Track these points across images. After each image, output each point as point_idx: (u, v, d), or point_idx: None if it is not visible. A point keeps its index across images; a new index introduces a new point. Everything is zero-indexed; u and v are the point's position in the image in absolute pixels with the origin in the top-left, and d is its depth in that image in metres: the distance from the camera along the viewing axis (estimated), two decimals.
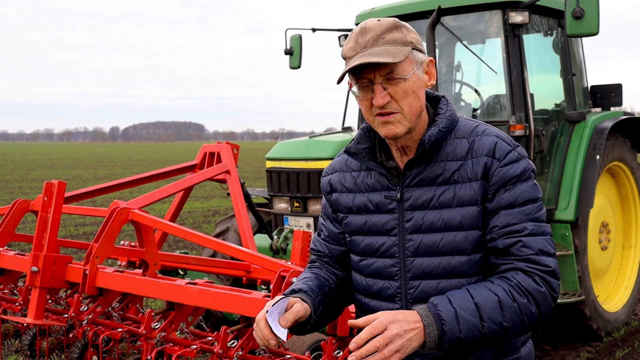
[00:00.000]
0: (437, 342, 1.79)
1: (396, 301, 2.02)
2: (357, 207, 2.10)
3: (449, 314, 1.80)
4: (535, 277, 1.87)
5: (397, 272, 2.01)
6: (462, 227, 1.94)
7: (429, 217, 1.97)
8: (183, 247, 10.66)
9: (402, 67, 1.91)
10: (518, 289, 1.85)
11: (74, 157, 57.73)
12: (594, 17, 4.97)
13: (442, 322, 1.79)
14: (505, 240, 1.91)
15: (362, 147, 2.08)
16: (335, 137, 5.79)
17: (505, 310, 1.83)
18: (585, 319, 5.91)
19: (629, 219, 6.77)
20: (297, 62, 6.80)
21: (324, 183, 2.24)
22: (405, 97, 1.92)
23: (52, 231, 4.06)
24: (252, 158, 46.12)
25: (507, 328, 1.84)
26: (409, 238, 1.99)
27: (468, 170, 1.95)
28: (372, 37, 1.91)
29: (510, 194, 1.92)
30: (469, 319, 1.80)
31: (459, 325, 1.80)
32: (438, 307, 1.82)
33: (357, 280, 2.13)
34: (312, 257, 2.29)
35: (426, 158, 2.00)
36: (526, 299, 1.85)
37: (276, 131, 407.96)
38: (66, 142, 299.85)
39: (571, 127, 6.11)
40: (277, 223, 5.75)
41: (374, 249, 2.06)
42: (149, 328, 3.58)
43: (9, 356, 5.47)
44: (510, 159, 1.94)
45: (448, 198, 1.95)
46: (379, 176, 2.07)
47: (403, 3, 6.11)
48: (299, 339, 3.54)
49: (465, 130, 2.01)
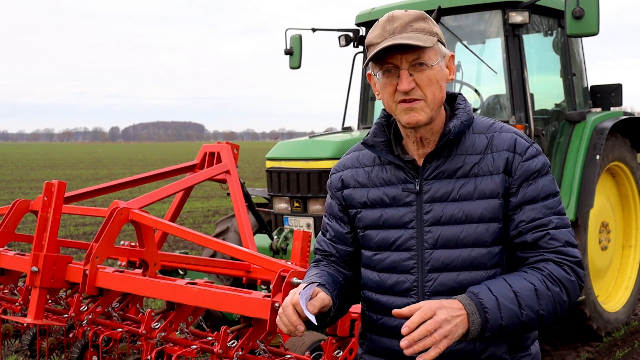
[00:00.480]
0: (480, 329, 1.82)
1: (411, 295, 2.02)
2: (371, 201, 2.10)
3: (491, 302, 1.83)
4: (565, 267, 1.93)
5: (414, 265, 2.02)
6: (483, 219, 1.97)
7: (449, 209, 1.99)
8: (183, 247, 10.66)
9: (428, 55, 1.96)
10: (551, 279, 1.91)
11: (74, 157, 57.74)
12: (594, 17, 4.97)
13: (485, 310, 1.82)
14: (533, 235, 1.95)
15: (379, 140, 2.10)
16: (335, 137, 5.79)
17: (541, 298, 1.88)
18: (585, 319, 5.91)
19: (629, 219, 6.77)
20: (297, 62, 6.80)
21: (335, 180, 2.22)
22: (430, 85, 1.96)
23: (52, 231, 4.06)
24: (252, 158, 46.13)
25: (543, 316, 1.89)
26: (428, 230, 2.01)
27: (489, 163, 1.99)
28: (400, 25, 1.96)
29: (533, 188, 1.97)
30: (510, 307, 1.84)
31: (501, 313, 1.83)
32: (479, 295, 1.84)
33: (369, 277, 2.12)
34: (317, 256, 2.28)
35: (446, 151, 2.03)
36: (558, 288, 1.91)
37: (276, 131, 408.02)
38: (66, 142, 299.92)
39: (571, 127, 6.11)
40: (277, 223, 5.74)
41: (389, 242, 2.06)
42: (149, 328, 3.58)
43: (9, 356, 5.47)
44: (530, 153, 1.99)
45: (469, 190, 1.98)
46: (395, 169, 2.08)
47: (403, 3, 6.11)
48: (298, 339, 3.54)
49: (483, 126, 2.06)
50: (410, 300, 2.02)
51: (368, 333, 2.18)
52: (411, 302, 2.00)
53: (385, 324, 2.09)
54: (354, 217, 2.15)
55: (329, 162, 5.29)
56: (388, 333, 2.09)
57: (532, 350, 2.09)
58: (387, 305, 2.06)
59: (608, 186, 6.56)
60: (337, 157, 5.26)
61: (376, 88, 2.08)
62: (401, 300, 2.03)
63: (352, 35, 6.61)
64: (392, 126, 2.13)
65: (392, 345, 2.07)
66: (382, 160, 2.12)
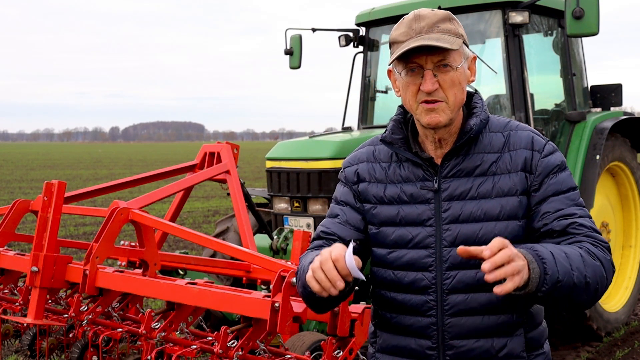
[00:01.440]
0: (539, 280, 1.78)
1: (430, 292, 2.01)
2: (388, 198, 2.08)
3: (548, 255, 1.82)
4: (599, 248, 1.94)
5: (432, 262, 2.01)
6: (502, 217, 1.98)
7: (468, 207, 1.99)
8: (183, 247, 10.66)
9: (453, 57, 1.96)
10: (591, 253, 1.91)
11: (74, 157, 57.74)
12: (594, 17, 4.97)
13: (543, 261, 1.80)
14: (560, 222, 1.96)
15: (397, 137, 2.09)
16: (335, 137, 5.79)
17: (587, 265, 1.87)
18: (585, 318, 5.91)
19: (629, 219, 6.77)
20: (297, 62, 6.80)
21: (350, 173, 2.17)
22: (453, 87, 1.97)
23: (52, 231, 4.06)
24: (252, 158, 46.13)
25: (589, 283, 1.87)
26: (447, 228, 2.00)
27: (507, 162, 2.01)
28: (427, 24, 1.95)
29: (555, 182, 1.99)
30: (564, 264, 1.83)
31: (557, 267, 1.81)
32: (534, 248, 1.83)
33: (383, 275, 2.09)
34: (316, 242, 2.16)
35: (464, 149, 2.03)
36: (599, 263, 1.91)
37: (276, 131, 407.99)
38: (66, 142, 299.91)
39: (571, 127, 6.11)
40: (277, 223, 5.74)
41: (406, 240, 2.04)
42: (149, 328, 3.58)
43: (9, 356, 5.47)
44: (548, 150, 2.02)
45: (487, 189, 1.99)
46: (413, 167, 2.07)
47: (403, 3, 6.11)
48: (299, 339, 3.54)
49: (499, 125, 2.07)
50: (427, 298, 2.01)
51: (380, 331, 2.16)
52: (429, 299, 2.01)
53: (399, 322, 2.07)
54: (368, 212, 2.12)
55: (329, 162, 5.29)
56: (403, 331, 2.07)
57: (546, 349, 2.10)
58: (402, 303, 2.05)
59: (608, 186, 6.56)
60: (337, 157, 5.26)
61: (396, 85, 2.07)
62: (418, 298, 2.02)
63: (352, 35, 6.61)
64: (409, 123, 2.13)
65: (407, 344, 2.06)
66: (399, 157, 2.11)
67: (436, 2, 5.52)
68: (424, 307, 2.02)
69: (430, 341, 2.02)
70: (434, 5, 5.47)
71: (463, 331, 1.99)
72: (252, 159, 44.00)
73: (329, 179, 5.25)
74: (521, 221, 2.00)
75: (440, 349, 2.00)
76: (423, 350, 2.03)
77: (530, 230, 2.01)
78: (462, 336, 1.99)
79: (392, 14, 6.06)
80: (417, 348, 2.05)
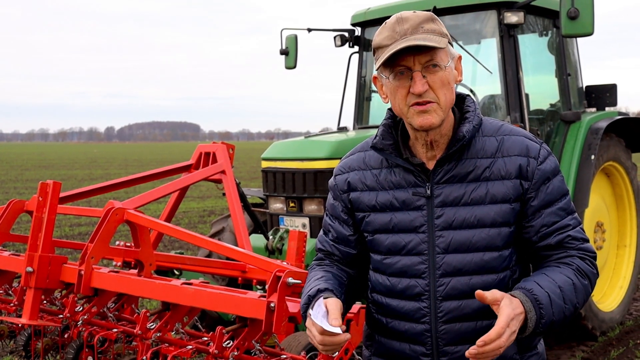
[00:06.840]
0: (534, 325, 1.85)
1: (423, 299, 2.01)
2: (381, 205, 2.07)
3: (545, 299, 1.86)
4: (587, 262, 2.00)
5: (425, 269, 2.00)
6: (495, 223, 1.98)
7: (461, 213, 1.98)
8: (179, 247, 10.64)
9: (440, 56, 1.94)
10: (580, 272, 1.97)
11: (69, 157, 57.61)
12: (588, 18, 4.98)
13: (540, 306, 1.85)
14: (556, 237, 2.00)
15: (388, 142, 2.07)
16: (331, 137, 5.79)
17: (578, 292, 1.94)
18: (580, 318, 5.92)
19: (624, 219, 6.79)
20: (293, 62, 6.79)
21: (340, 181, 2.16)
22: (442, 87, 1.95)
23: (47, 231, 4.05)
24: (247, 158, 46.09)
25: (577, 308, 1.95)
26: (440, 235, 1.99)
27: (500, 168, 1.99)
28: (411, 26, 1.93)
29: (549, 191, 2.00)
30: (558, 302, 1.88)
31: (552, 309, 1.87)
32: (534, 292, 1.87)
33: (378, 280, 2.10)
34: (319, 255, 2.25)
35: (457, 155, 2.01)
36: (587, 281, 1.98)
37: (272, 131, 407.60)
38: (61, 142, 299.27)
39: (566, 127, 6.13)
40: (273, 223, 5.74)
41: (399, 246, 2.04)
42: (145, 328, 3.58)
43: (3, 357, 5.45)
44: (543, 156, 2.02)
45: (480, 195, 1.98)
46: (405, 173, 2.05)
47: (399, 3, 6.12)
48: (294, 339, 3.54)
49: (492, 128, 2.05)
50: (420, 305, 2.01)
51: (377, 336, 2.16)
52: (422, 306, 2.01)
53: (395, 328, 2.08)
54: (362, 220, 2.11)
55: (325, 162, 5.29)
56: (398, 336, 2.08)
57: (539, 349, 2.11)
58: (397, 309, 2.05)
59: (603, 186, 6.57)
60: (333, 157, 5.26)
61: (383, 91, 2.04)
62: (412, 305, 2.02)
63: (347, 36, 6.62)
64: (398, 127, 2.10)
65: (402, 349, 2.07)
66: (389, 162, 2.08)
67: (431, 3, 5.53)
68: (418, 313, 2.02)
69: (425, 347, 2.02)
70: (429, 6, 5.48)
71: (457, 337, 2.00)
72: (248, 159, 43.96)
73: (324, 179, 5.25)
74: (512, 227, 2.00)
75: (434, 355, 2.01)
76: (417, 356, 2.04)
77: (527, 242, 2.02)
78: (456, 342, 2.00)
79: (388, 14, 6.05)
80: (411, 354, 2.05)
